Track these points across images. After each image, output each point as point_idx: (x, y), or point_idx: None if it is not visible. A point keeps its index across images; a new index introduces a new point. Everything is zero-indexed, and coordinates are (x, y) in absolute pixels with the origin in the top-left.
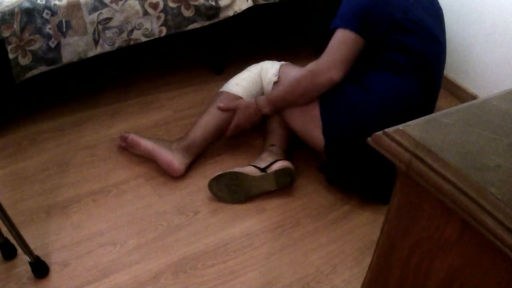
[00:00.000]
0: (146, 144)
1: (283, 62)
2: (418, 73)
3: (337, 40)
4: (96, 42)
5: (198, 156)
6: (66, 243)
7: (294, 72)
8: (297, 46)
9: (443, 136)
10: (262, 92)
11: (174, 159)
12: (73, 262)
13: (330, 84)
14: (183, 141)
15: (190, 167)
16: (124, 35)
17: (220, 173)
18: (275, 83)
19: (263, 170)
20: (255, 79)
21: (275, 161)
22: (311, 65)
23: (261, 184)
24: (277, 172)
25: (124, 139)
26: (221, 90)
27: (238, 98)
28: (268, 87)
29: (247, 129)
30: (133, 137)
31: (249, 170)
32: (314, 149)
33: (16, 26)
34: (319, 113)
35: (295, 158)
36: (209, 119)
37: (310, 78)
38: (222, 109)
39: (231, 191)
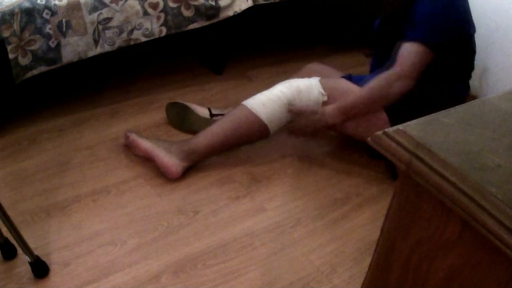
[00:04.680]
0: (145, 145)
1: (316, 78)
2: (467, 77)
3: (415, 52)
4: (96, 42)
5: (198, 162)
6: (66, 243)
7: (339, 84)
8: (297, 46)
9: (443, 136)
10: (286, 118)
11: (171, 162)
12: (73, 262)
13: (404, 92)
14: (185, 145)
15: (190, 167)
16: (124, 35)
17: (178, 101)
18: (325, 102)
19: (212, 115)
20: (284, 103)
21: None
22: (388, 74)
23: (203, 125)
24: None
25: (126, 138)
26: (244, 103)
27: (257, 120)
28: (316, 108)
29: (307, 134)
30: (134, 138)
31: (201, 110)
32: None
33: (16, 26)
34: (387, 117)
35: (295, 158)
36: (217, 131)
37: (387, 86)
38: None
39: (179, 119)
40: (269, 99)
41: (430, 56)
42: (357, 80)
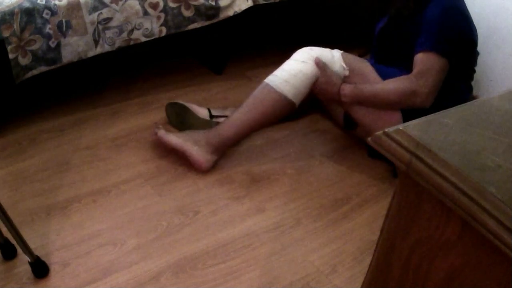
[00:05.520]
0: (174, 142)
1: (338, 51)
2: (469, 79)
3: (437, 66)
4: (96, 42)
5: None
6: (66, 243)
7: (361, 64)
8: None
9: (443, 136)
10: (310, 88)
11: (202, 159)
12: (73, 262)
13: (421, 106)
14: (214, 138)
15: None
16: (124, 35)
17: (178, 101)
18: (346, 76)
19: (212, 116)
20: (307, 77)
21: (226, 116)
22: (411, 84)
23: (202, 126)
24: (217, 124)
25: (154, 134)
26: (266, 81)
27: (283, 98)
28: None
29: (323, 96)
30: (161, 135)
31: (201, 111)
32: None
33: (16, 26)
34: (401, 118)
35: (295, 158)
36: (244, 117)
37: (407, 96)
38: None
39: (179, 119)
40: (293, 76)
41: (447, 68)
42: (378, 68)
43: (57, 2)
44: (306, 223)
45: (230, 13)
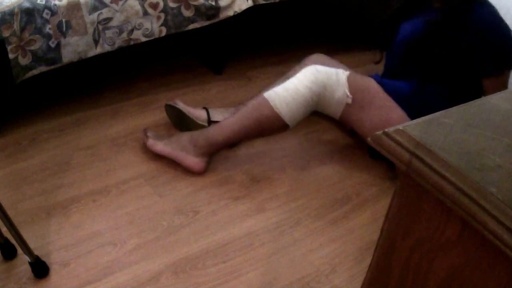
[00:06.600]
0: (164, 151)
1: (345, 73)
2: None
3: (506, 80)
4: (96, 42)
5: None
6: (66, 243)
7: (368, 85)
8: (297, 46)
9: (443, 136)
10: (309, 113)
11: (192, 163)
12: (73, 262)
13: None
14: (202, 141)
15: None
16: (124, 35)
17: (176, 105)
18: (348, 104)
19: (210, 121)
20: (308, 102)
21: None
22: None
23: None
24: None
25: (144, 141)
26: (266, 96)
27: (279, 119)
28: (338, 108)
29: None
30: (150, 144)
31: (199, 114)
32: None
33: (16, 26)
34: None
35: (295, 158)
36: (235, 126)
37: None
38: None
39: (178, 121)
40: (293, 99)
41: None
42: (386, 84)
43: (57, 2)
44: (306, 223)
45: (230, 13)
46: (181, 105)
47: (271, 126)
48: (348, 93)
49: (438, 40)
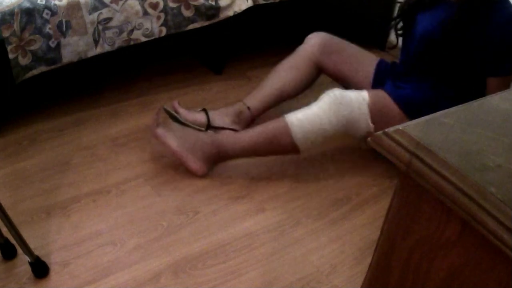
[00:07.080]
0: (172, 146)
1: (365, 99)
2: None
3: (508, 82)
4: (96, 42)
5: None
6: (66, 243)
7: (388, 109)
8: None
9: (443, 136)
10: (325, 145)
11: (196, 167)
12: (73, 262)
13: None
14: (212, 150)
15: None
16: (124, 35)
17: (175, 114)
18: (368, 132)
19: (209, 126)
20: (328, 136)
21: (225, 128)
22: None
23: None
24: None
25: (154, 132)
26: (287, 121)
27: (294, 147)
28: (359, 137)
29: None
30: (160, 133)
31: (199, 118)
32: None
33: (16, 26)
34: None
35: (295, 158)
36: (248, 144)
37: None
38: None
39: (177, 121)
40: (314, 133)
41: None
42: (391, 94)
43: (57, 2)
44: (306, 223)
45: (230, 13)
46: (180, 111)
47: (284, 150)
48: (371, 123)
49: (457, 40)
